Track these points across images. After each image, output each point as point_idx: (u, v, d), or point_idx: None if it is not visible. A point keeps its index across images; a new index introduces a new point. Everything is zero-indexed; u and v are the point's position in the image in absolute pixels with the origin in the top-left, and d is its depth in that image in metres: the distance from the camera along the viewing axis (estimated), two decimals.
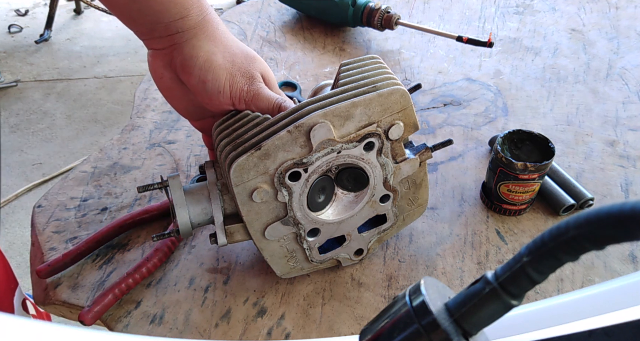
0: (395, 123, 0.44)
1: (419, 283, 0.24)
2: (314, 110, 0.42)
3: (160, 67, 0.49)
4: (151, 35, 0.47)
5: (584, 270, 0.53)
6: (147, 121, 0.74)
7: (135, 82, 2.32)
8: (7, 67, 2.40)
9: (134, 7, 0.45)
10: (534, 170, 0.53)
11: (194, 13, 0.46)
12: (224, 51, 0.47)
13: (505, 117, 0.72)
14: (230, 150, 0.43)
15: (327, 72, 0.82)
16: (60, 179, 0.66)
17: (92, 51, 2.51)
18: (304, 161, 0.43)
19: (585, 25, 0.90)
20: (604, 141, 0.68)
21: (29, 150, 2.00)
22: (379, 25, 0.84)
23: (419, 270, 0.54)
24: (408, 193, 0.50)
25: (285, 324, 0.50)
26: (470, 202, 0.61)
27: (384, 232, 0.52)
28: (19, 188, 1.84)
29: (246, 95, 0.47)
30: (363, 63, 0.47)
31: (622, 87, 0.77)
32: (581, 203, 0.58)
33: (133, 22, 0.47)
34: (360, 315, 0.50)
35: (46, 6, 2.65)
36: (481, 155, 0.67)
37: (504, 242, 0.56)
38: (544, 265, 0.20)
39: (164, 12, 0.45)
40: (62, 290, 0.53)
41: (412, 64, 0.83)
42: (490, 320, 0.22)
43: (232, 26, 0.93)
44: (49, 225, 0.60)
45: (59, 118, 2.15)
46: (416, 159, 0.48)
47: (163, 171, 0.66)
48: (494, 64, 0.82)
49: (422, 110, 0.74)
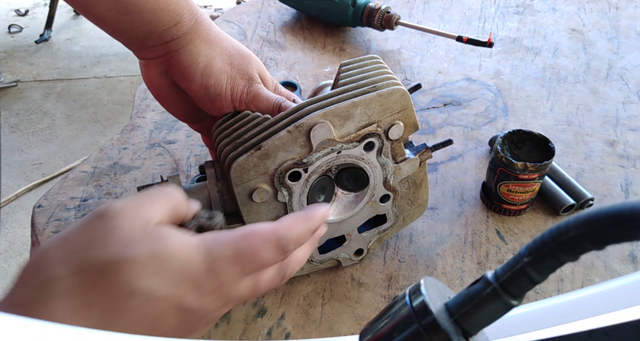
0: (395, 123, 0.44)
1: (419, 283, 0.24)
2: (314, 110, 0.42)
3: (156, 76, 0.47)
4: (143, 46, 0.45)
5: (584, 270, 0.53)
6: (147, 121, 0.74)
7: (135, 82, 2.32)
8: (7, 67, 2.40)
9: (125, 20, 0.43)
10: (534, 170, 0.53)
11: (186, 17, 0.44)
12: (222, 53, 0.47)
13: (505, 117, 0.72)
14: (230, 150, 0.43)
15: (327, 72, 0.82)
16: (60, 179, 0.66)
17: (92, 51, 2.51)
18: (304, 161, 0.43)
19: (585, 25, 0.90)
20: (604, 141, 0.68)
21: (29, 150, 2.00)
22: (379, 25, 0.84)
23: (419, 270, 0.54)
24: (408, 193, 0.50)
25: (285, 324, 0.50)
26: (470, 202, 0.61)
27: (384, 232, 0.52)
28: (19, 188, 1.84)
29: (246, 96, 0.47)
30: (363, 63, 0.47)
31: (622, 87, 0.77)
32: (581, 203, 0.58)
33: (124, 35, 0.45)
34: (360, 315, 0.50)
35: (46, 6, 2.65)
36: (481, 155, 0.67)
37: (504, 242, 0.56)
38: (544, 265, 0.20)
39: (156, 21, 0.43)
40: None
41: (412, 64, 0.83)
42: (490, 320, 0.22)
43: (232, 26, 0.93)
44: (49, 225, 0.60)
45: (59, 118, 2.15)
46: (416, 159, 0.48)
47: (163, 171, 0.66)
48: (494, 64, 0.82)
49: (422, 110, 0.74)
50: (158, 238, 0.28)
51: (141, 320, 0.26)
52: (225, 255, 0.29)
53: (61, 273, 0.25)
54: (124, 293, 0.26)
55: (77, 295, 0.25)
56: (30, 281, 0.26)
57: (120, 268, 0.26)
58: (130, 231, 0.27)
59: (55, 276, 0.25)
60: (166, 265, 0.27)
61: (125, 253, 0.26)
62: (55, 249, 0.27)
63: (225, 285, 0.29)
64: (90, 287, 0.25)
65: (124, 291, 0.26)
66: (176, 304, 0.27)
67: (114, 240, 0.27)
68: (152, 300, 0.26)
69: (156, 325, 0.27)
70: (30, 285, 0.26)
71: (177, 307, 0.27)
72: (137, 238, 0.27)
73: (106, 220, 0.28)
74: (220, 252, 0.29)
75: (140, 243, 0.27)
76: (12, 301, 0.25)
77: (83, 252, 0.26)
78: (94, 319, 0.25)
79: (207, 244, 0.29)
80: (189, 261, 0.28)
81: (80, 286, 0.25)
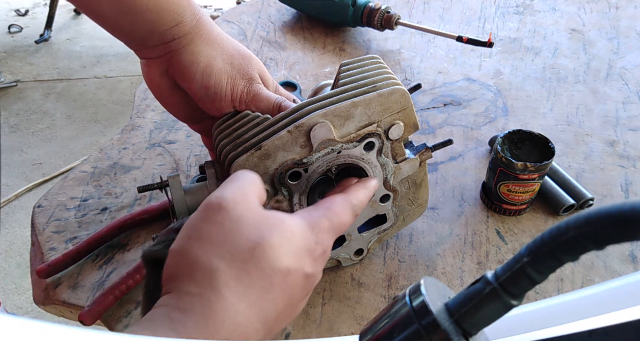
0: (396, 123, 0.44)
1: (419, 283, 0.24)
2: (314, 110, 0.42)
3: (156, 76, 0.48)
4: (145, 45, 0.46)
5: (584, 270, 0.53)
6: (147, 121, 0.74)
7: (135, 82, 2.32)
8: (7, 67, 2.40)
9: (126, 20, 0.43)
10: (534, 170, 0.53)
11: (188, 18, 0.45)
12: (222, 53, 0.47)
13: (505, 117, 0.72)
14: (230, 150, 0.43)
15: (327, 72, 0.82)
16: (60, 179, 0.66)
17: (92, 51, 2.51)
18: (304, 161, 0.43)
19: (585, 25, 0.90)
20: (604, 141, 0.68)
21: (29, 150, 2.00)
22: (379, 25, 0.84)
23: (419, 270, 0.54)
24: (408, 193, 0.50)
25: None
26: (470, 202, 0.61)
27: (384, 232, 0.52)
28: (19, 188, 1.84)
29: (246, 96, 0.47)
30: (363, 63, 0.47)
31: (622, 87, 0.77)
32: (581, 203, 0.58)
33: (125, 34, 0.45)
34: (360, 315, 0.50)
35: (46, 6, 2.65)
36: (481, 155, 0.67)
37: (504, 242, 0.56)
38: (544, 265, 0.20)
39: (158, 21, 0.43)
40: (62, 290, 0.53)
41: (412, 64, 0.83)
42: (490, 320, 0.22)
43: (232, 26, 0.93)
44: (49, 225, 0.60)
45: (59, 118, 2.15)
46: (416, 159, 0.48)
47: (163, 171, 0.66)
48: (494, 64, 0.82)
49: (422, 110, 0.74)
50: (278, 222, 0.32)
51: (283, 291, 0.31)
52: (323, 226, 0.35)
53: (220, 265, 0.30)
54: (269, 273, 0.31)
55: (238, 280, 0.30)
56: (195, 276, 0.30)
57: (262, 252, 0.30)
58: (253, 219, 0.32)
59: (215, 268, 0.30)
60: (292, 243, 0.32)
61: (263, 239, 0.31)
62: (197, 247, 0.31)
63: (327, 249, 0.36)
64: (245, 272, 0.30)
65: (269, 270, 0.31)
66: (303, 273, 0.32)
67: (246, 229, 0.31)
68: (288, 273, 0.31)
69: (292, 293, 0.32)
70: (196, 278, 0.30)
71: (303, 275, 0.33)
72: (263, 224, 0.32)
73: (228, 212, 0.31)
74: (319, 224, 0.35)
75: (268, 228, 0.32)
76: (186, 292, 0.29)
77: (226, 244, 0.30)
78: (254, 298, 0.30)
79: (309, 220, 0.35)
80: (304, 237, 0.33)
81: (238, 273, 0.30)
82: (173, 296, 0.30)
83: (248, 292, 0.30)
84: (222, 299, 0.29)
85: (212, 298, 0.29)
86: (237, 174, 0.35)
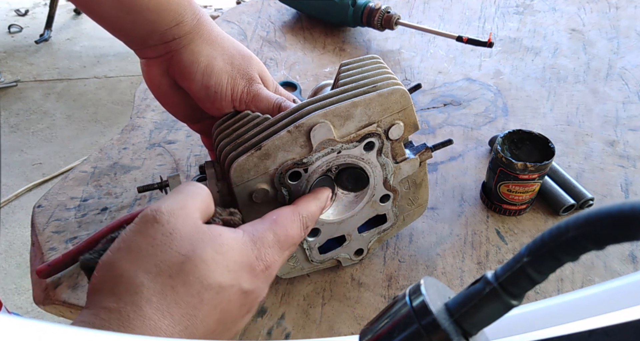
0: (396, 123, 0.44)
1: (419, 283, 0.24)
2: (314, 110, 0.42)
3: (157, 75, 0.48)
4: (145, 45, 0.46)
5: (584, 270, 0.53)
6: (147, 121, 0.74)
7: (135, 82, 2.32)
8: (7, 67, 2.40)
9: (127, 19, 0.43)
10: (534, 170, 0.53)
11: (188, 17, 0.45)
12: (223, 53, 0.47)
13: (505, 117, 0.72)
14: (230, 150, 0.43)
15: (327, 72, 0.82)
16: (60, 179, 0.66)
17: (92, 51, 2.51)
18: (304, 161, 0.43)
19: (585, 25, 0.90)
20: (604, 141, 0.68)
21: (29, 150, 2.00)
22: (379, 25, 0.84)
23: (419, 270, 0.54)
24: (408, 193, 0.50)
25: (285, 324, 0.50)
26: (470, 202, 0.61)
27: (384, 232, 0.52)
28: (19, 188, 1.84)
29: (246, 96, 0.47)
30: (363, 63, 0.47)
31: (622, 87, 0.77)
32: (581, 203, 0.58)
33: (125, 34, 0.45)
34: (360, 315, 0.50)
35: (46, 6, 2.65)
36: (481, 155, 0.67)
37: (504, 242, 0.56)
38: (544, 265, 0.20)
39: (159, 21, 0.43)
40: (62, 290, 0.53)
41: (412, 64, 0.83)
42: (490, 320, 0.22)
43: (232, 26, 0.93)
44: (49, 225, 0.60)
45: (59, 118, 2.15)
46: (416, 159, 0.48)
47: (163, 171, 0.66)
48: (494, 64, 0.82)
49: (422, 110, 0.74)
50: (214, 236, 0.31)
51: (214, 308, 0.30)
52: (267, 240, 0.34)
53: (144, 280, 0.28)
54: (198, 289, 0.29)
55: (163, 296, 0.28)
56: (116, 290, 0.28)
57: (192, 267, 0.29)
58: (187, 232, 0.30)
59: (138, 283, 0.28)
60: (227, 258, 0.31)
61: (194, 253, 0.29)
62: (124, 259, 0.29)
63: (271, 264, 0.34)
64: (171, 288, 0.28)
65: (199, 287, 0.29)
66: (239, 289, 0.31)
67: (178, 242, 0.30)
68: (221, 290, 0.30)
69: (226, 310, 0.30)
70: (117, 292, 0.28)
71: (240, 291, 0.31)
72: (196, 238, 0.30)
73: (162, 225, 0.30)
74: (263, 238, 0.34)
75: (201, 242, 0.30)
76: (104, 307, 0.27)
77: (154, 258, 0.29)
78: (178, 315, 0.28)
79: (252, 234, 0.33)
80: (243, 252, 0.32)
81: (163, 288, 0.28)
82: (90, 312, 0.28)
83: (172, 309, 0.28)
84: (142, 315, 0.27)
85: (130, 315, 0.27)
86: (181, 187, 0.34)
